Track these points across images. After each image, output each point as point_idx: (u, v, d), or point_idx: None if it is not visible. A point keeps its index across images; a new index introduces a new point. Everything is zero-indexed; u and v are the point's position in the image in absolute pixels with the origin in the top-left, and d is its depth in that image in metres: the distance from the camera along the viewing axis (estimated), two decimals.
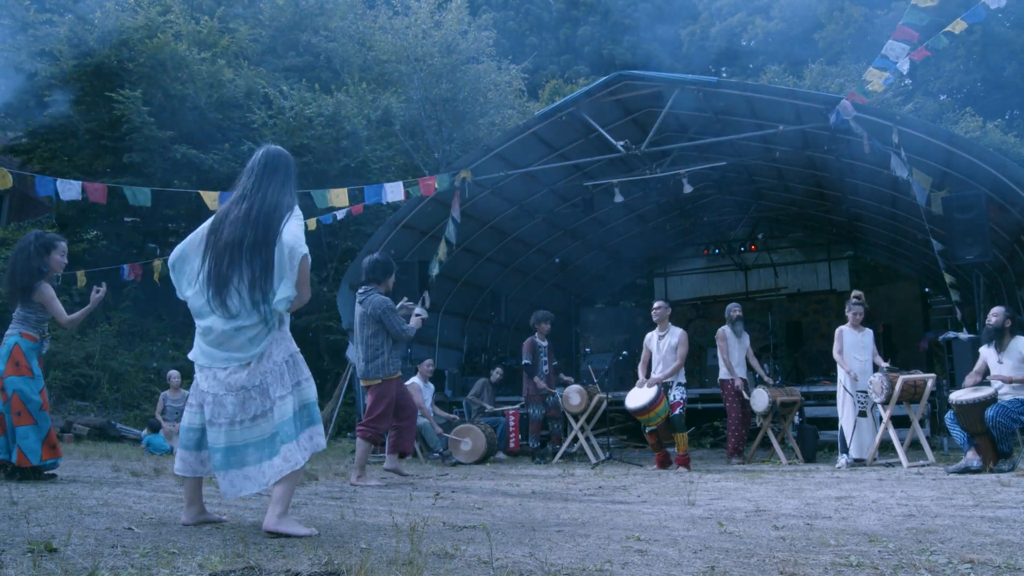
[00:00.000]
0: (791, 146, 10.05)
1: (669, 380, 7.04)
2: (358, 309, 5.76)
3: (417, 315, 5.96)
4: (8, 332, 5.04)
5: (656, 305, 7.47)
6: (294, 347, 3.21)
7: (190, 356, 3.24)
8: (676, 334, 7.21)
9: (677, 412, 6.93)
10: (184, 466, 3.21)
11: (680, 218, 14.35)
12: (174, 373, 10.35)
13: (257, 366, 3.08)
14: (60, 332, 12.87)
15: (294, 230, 3.09)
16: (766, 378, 8.12)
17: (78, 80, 14.31)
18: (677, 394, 7.02)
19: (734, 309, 8.06)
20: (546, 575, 2.24)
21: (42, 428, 4.93)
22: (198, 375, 3.20)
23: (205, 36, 15.72)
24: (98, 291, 5.31)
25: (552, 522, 3.43)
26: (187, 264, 3.24)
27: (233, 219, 3.14)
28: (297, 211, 3.20)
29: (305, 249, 3.07)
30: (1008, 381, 5.90)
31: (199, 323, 3.20)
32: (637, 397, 6.93)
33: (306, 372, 3.18)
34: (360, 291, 5.81)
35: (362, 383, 5.84)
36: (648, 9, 34.09)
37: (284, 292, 3.05)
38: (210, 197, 8.86)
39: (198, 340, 3.20)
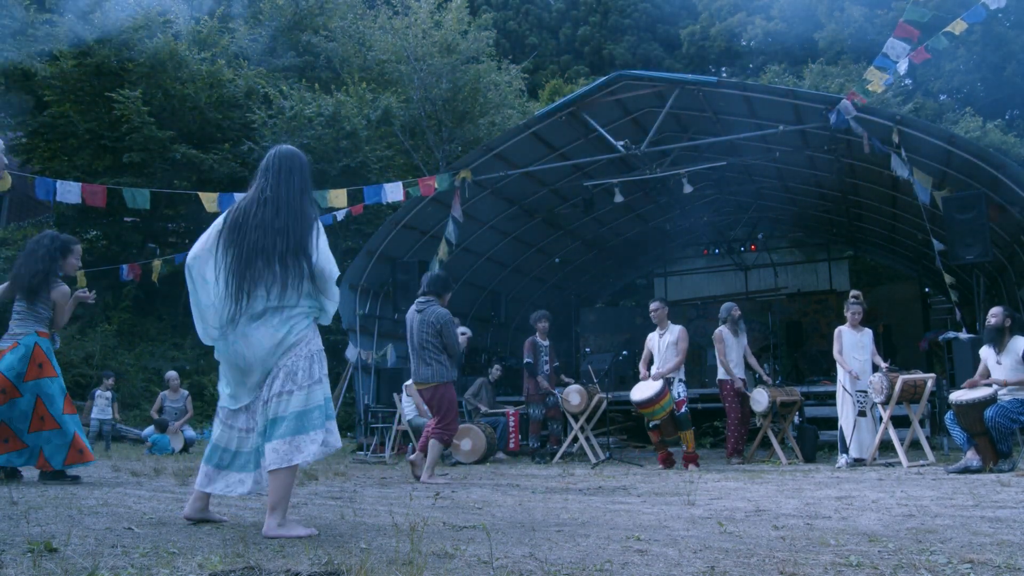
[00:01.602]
0: (791, 146, 10.05)
1: (671, 376, 7.16)
2: (416, 316, 6.10)
3: (463, 333, 6.22)
4: (20, 332, 4.88)
5: (652, 307, 7.59)
6: (320, 343, 3.24)
7: (225, 395, 3.21)
8: (675, 331, 7.37)
9: (683, 410, 7.03)
10: (205, 480, 3.18)
11: (680, 218, 14.36)
12: (172, 374, 10.38)
13: (294, 349, 3.08)
14: (59, 333, 12.85)
15: (325, 252, 3.14)
16: (765, 377, 8.11)
17: (78, 80, 14.32)
18: (680, 390, 7.13)
19: (734, 309, 8.04)
20: (546, 575, 2.24)
21: (67, 432, 4.84)
22: (233, 406, 3.18)
23: (205, 36, 15.73)
24: (87, 295, 5.24)
25: (552, 522, 3.43)
26: (206, 266, 3.16)
27: (259, 223, 3.10)
28: (320, 225, 3.22)
29: (336, 270, 3.19)
30: (1004, 385, 5.90)
31: (226, 344, 3.12)
32: (642, 389, 7.01)
33: (325, 368, 3.21)
34: (419, 300, 6.17)
35: (416, 387, 6.12)
36: (648, 9, 34.10)
37: (331, 308, 3.20)
38: (208, 199, 8.86)
39: (225, 385, 3.17)
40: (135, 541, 2.73)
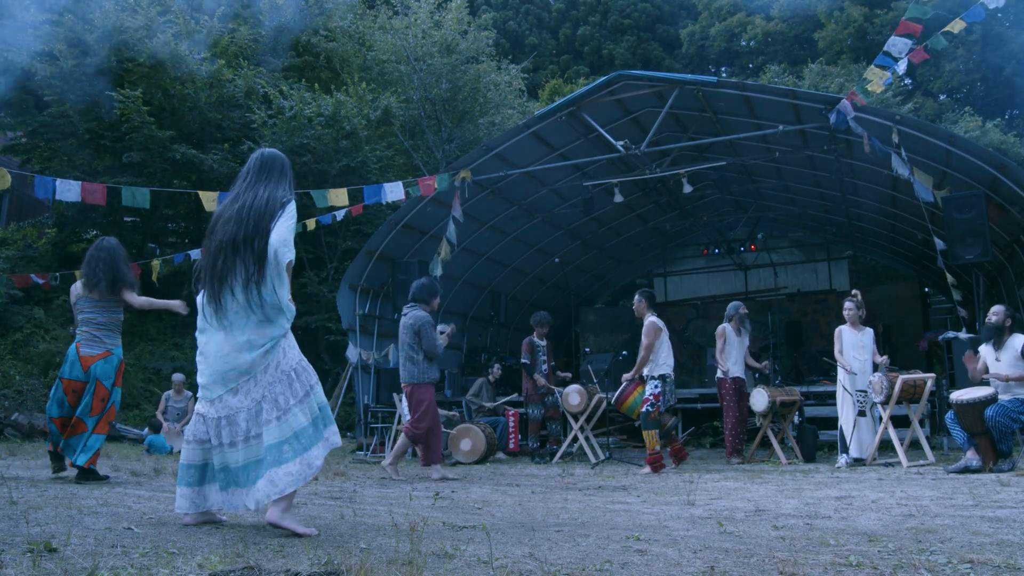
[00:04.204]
0: (791, 146, 10.05)
1: (642, 373, 6.91)
2: (402, 321, 6.46)
3: (442, 332, 6.62)
4: (111, 343, 5.28)
5: (634, 302, 7.31)
6: (299, 354, 3.18)
7: (199, 385, 3.19)
8: (643, 325, 7.00)
9: (644, 409, 6.73)
10: (185, 503, 3.15)
11: (680, 218, 14.36)
12: (179, 377, 10.43)
13: (264, 376, 3.05)
14: (59, 332, 12.86)
15: (282, 231, 3.04)
16: (760, 365, 8.08)
17: (78, 80, 14.30)
18: (648, 389, 6.81)
19: (742, 308, 8.00)
20: (546, 575, 2.24)
21: (102, 439, 5.18)
22: (204, 406, 3.14)
23: (205, 36, 15.71)
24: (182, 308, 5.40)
25: (552, 522, 3.43)
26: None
27: (225, 219, 3.13)
28: (291, 209, 3.13)
29: (291, 255, 3.03)
30: (1004, 380, 5.90)
31: (201, 341, 3.15)
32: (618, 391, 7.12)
33: (313, 376, 3.16)
34: (406, 307, 6.51)
35: (403, 387, 6.51)
36: (648, 9, 34.09)
37: (286, 296, 3.07)
38: (208, 197, 8.86)
39: (202, 367, 3.14)
40: (135, 541, 2.73)
